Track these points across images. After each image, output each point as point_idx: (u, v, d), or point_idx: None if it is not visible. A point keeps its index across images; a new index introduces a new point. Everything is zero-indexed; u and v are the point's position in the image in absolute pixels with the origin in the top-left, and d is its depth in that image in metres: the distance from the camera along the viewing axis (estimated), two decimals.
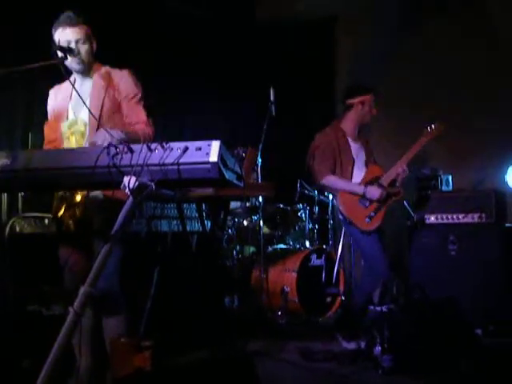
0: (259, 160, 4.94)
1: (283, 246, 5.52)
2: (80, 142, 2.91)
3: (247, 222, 5.39)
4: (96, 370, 2.85)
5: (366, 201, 4.25)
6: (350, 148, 4.39)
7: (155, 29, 5.49)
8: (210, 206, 4.02)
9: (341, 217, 4.38)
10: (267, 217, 5.38)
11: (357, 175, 4.38)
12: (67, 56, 2.79)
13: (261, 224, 5.06)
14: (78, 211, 2.82)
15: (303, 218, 5.59)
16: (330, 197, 5.08)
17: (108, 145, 2.05)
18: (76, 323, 1.97)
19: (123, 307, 2.88)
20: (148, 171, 1.96)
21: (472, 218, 4.68)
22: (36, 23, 4.36)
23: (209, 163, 1.91)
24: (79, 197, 2.82)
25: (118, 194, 2.26)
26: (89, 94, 2.95)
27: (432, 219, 4.85)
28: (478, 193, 4.75)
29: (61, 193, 2.88)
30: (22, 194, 3.49)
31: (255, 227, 5.27)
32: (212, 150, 1.92)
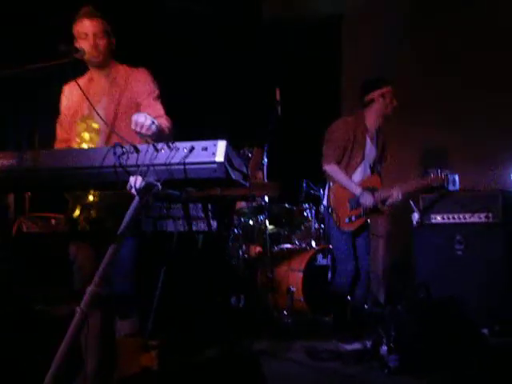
0: (265, 160, 4.94)
1: (289, 246, 5.52)
2: (95, 140, 2.90)
3: (253, 222, 5.39)
4: (103, 371, 2.85)
5: (355, 203, 4.27)
6: (365, 145, 4.37)
7: (158, 27, 5.50)
8: (216, 206, 4.02)
9: (325, 203, 4.42)
10: (273, 216, 5.38)
11: (359, 173, 4.37)
12: (74, 56, 2.77)
13: (267, 223, 5.06)
14: (94, 212, 2.79)
15: (309, 218, 5.59)
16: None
17: (115, 144, 2.05)
18: (83, 323, 1.97)
19: (137, 309, 2.88)
20: (154, 171, 1.96)
21: (479, 218, 4.67)
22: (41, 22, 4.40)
23: (215, 163, 1.91)
24: (91, 197, 2.80)
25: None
26: (106, 92, 2.96)
27: (439, 219, 4.84)
28: (485, 193, 4.73)
29: (77, 193, 2.85)
30: (29, 194, 3.50)
31: (261, 227, 5.27)
32: (218, 150, 1.91)
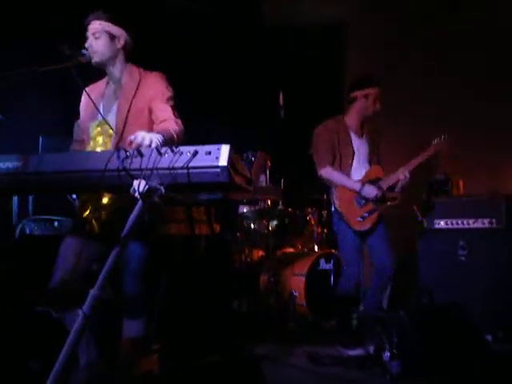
0: (268, 164, 4.94)
1: (292, 250, 5.52)
2: (107, 144, 2.90)
3: (256, 226, 5.38)
4: (103, 373, 2.84)
5: (362, 200, 4.22)
6: (351, 141, 4.33)
7: (159, 29, 5.50)
8: (219, 210, 4.02)
9: (333, 209, 4.37)
10: (276, 220, 5.38)
11: (357, 169, 4.31)
12: (78, 60, 2.77)
13: (269, 227, 5.06)
14: (105, 213, 2.80)
15: (312, 222, 5.58)
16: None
17: (118, 148, 2.05)
18: (85, 326, 1.97)
19: (144, 310, 2.87)
20: (157, 175, 1.97)
21: (482, 223, 4.66)
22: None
23: (218, 167, 1.91)
24: (106, 199, 2.80)
25: None
26: (119, 96, 2.96)
27: (442, 224, 4.83)
28: (489, 198, 4.71)
29: (85, 195, 2.87)
30: (32, 197, 3.51)
31: (264, 231, 5.27)
32: (222, 154, 1.92)
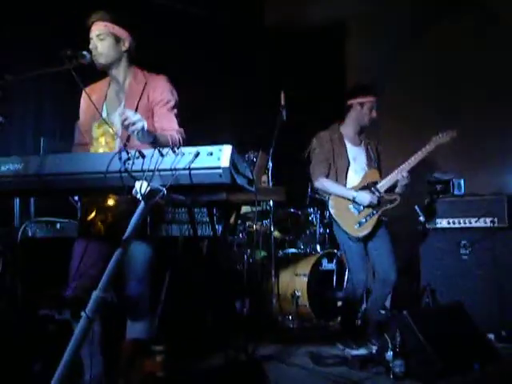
0: (270, 164, 4.93)
1: (294, 251, 5.51)
2: (111, 145, 2.85)
3: (258, 227, 5.38)
4: (105, 376, 2.84)
5: (359, 206, 4.21)
6: (346, 151, 4.30)
7: (161, 30, 5.50)
8: (221, 211, 4.01)
9: (330, 219, 4.37)
10: (278, 221, 5.37)
11: (353, 179, 4.29)
12: (79, 61, 2.75)
13: (271, 228, 5.05)
14: (110, 215, 2.77)
15: (314, 223, 5.58)
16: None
17: (119, 150, 2.05)
18: (88, 328, 1.97)
19: (149, 311, 2.87)
20: (159, 176, 1.96)
21: (484, 223, 4.66)
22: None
23: (220, 168, 1.91)
24: (112, 201, 2.78)
25: None
26: (123, 98, 2.93)
27: (444, 223, 4.83)
28: (490, 197, 4.72)
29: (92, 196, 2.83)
30: (34, 199, 3.51)
31: (266, 232, 5.26)
32: (223, 155, 1.91)
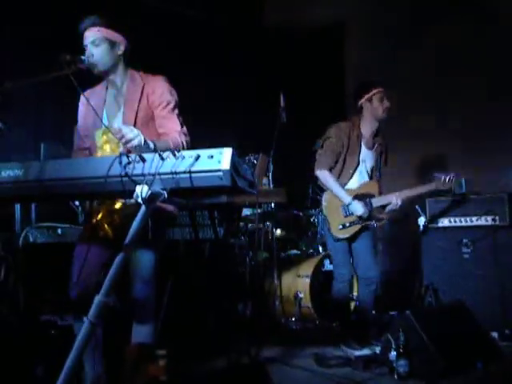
0: (271, 166, 4.93)
1: (296, 252, 5.51)
2: (116, 152, 2.74)
3: (260, 229, 5.37)
4: (107, 379, 2.83)
5: (349, 209, 4.23)
6: (360, 151, 4.31)
7: (160, 33, 5.51)
8: (223, 213, 4.02)
9: (320, 211, 4.38)
10: (280, 223, 5.37)
11: (357, 179, 4.30)
12: (77, 66, 2.73)
13: (273, 230, 5.05)
14: (118, 218, 2.76)
15: (316, 224, 5.57)
16: None
17: (120, 154, 2.04)
18: (91, 333, 1.97)
19: (154, 315, 2.86)
20: (160, 180, 1.96)
21: (485, 221, 4.66)
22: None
23: (221, 171, 1.90)
24: (119, 204, 2.76)
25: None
26: (123, 101, 2.89)
27: (445, 222, 4.83)
28: (492, 196, 4.71)
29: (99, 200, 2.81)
30: (35, 205, 3.51)
31: (268, 233, 5.26)
32: (224, 158, 1.91)
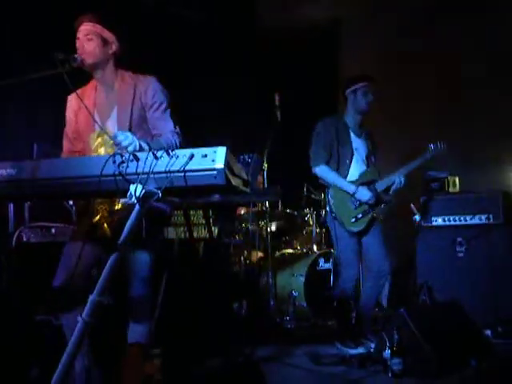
0: (265, 165, 4.94)
1: (291, 251, 5.52)
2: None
3: (254, 228, 5.38)
4: (104, 379, 2.83)
5: (356, 201, 4.22)
6: (351, 141, 4.31)
7: (156, 33, 5.51)
8: (217, 213, 4.02)
9: (328, 209, 4.34)
10: (274, 222, 5.38)
11: (354, 170, 4.28)
12: (71, 65, 2.72)
13: (268, 229, 5.05)
14: (117, 218, 2.73)
15: (310, 223, 5.58)
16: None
17: (114, 153, 2.04)
18: (85, 332, 1.96)
19: (150, 314, 2.86)
20: (154, 179, 1.96)
21: (480, 220, 4.67)
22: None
23: (215, 170, 1.90)
24: (119, 205, 2.74)
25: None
26: (115, 102, 2.87)
27: (439, 221, 4.84)
28: (486, 194, 4.73)
29: (99, 199, 2.78)
30: (28, 204, 3.49)
31: (262, 232, 5.27)
32: (218, 157, 1.91)
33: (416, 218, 4.87)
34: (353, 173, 4.28)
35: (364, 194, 4.16)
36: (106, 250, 2.58)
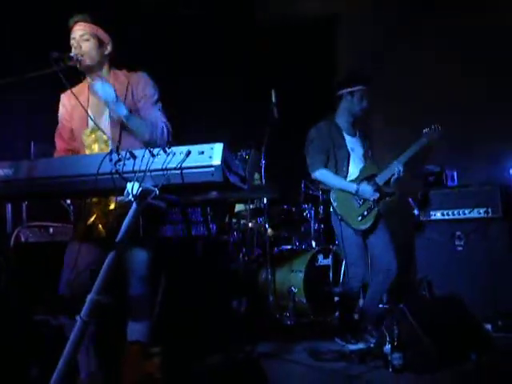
0: (263, 162, 4.93)
1: (289, 247, 5.51)
2: (105, 150, 2.75)
3: (252, 224, 5.37)
4: (103, 378, 2.83)
5: (360, 199, 4.21)
6: (345, 142, 4.29)
7: (155, 29, 5.49)
8: (215, 210, 4.01)
9: (332, 211, 4.30)
10: (272, 218, 5.37)
11: (353, 169, 4.27)
12: (66, 63, 2.71)
13: (266, 226, 5.05)
14: (112, 218, 2.74)
15: (309, 219, 5.58)
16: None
17: (110, 151, 2.03)
18: (84, 332, 1.96)
19: (149, 312, 2.86)
20: (151, 177, 1.95)
21: (478, 213, 4.67)
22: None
23: (212, 166, 1.89)
24: (113, 205, 2.74)
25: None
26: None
27: (438, 215, 4.84)
28: (484, 188, 4.73)
29: (93, 199, 2.79)
30: (26, 204, 3.49)
31: (260, 229, 5.26)
32: (215, 153, 1.90)
33: (414, 213, 4.87)
34: (352, 172, 4.26)
35: (366, 191, 4.15)
36: (104, 250, 2.62)
